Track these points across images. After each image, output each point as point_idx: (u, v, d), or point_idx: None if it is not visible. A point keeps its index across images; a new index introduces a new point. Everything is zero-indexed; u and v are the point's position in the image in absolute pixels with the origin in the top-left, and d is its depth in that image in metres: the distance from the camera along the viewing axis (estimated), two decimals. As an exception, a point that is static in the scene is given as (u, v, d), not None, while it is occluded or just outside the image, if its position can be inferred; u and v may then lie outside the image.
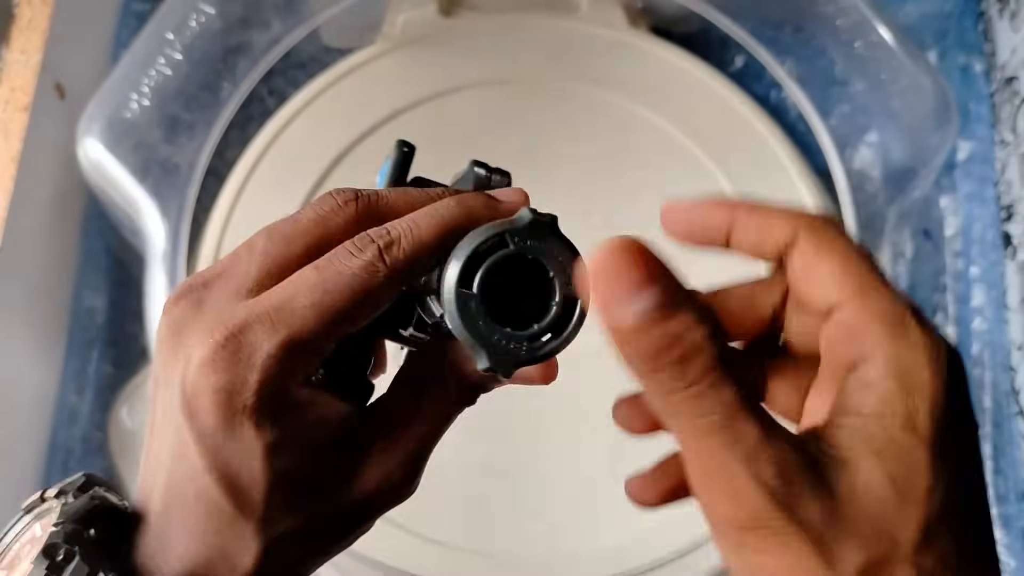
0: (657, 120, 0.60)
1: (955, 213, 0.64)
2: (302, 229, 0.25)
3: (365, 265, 0.23)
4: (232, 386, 0.22)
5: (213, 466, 0.23)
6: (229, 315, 0.23)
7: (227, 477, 0.23)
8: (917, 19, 0.68)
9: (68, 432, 0.59)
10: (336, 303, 0.23)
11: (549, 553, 0.51)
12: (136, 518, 0.25)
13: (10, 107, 0.56)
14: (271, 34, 0.55)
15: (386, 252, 0.24)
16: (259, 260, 0.24)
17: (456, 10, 0.63)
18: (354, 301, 0.23)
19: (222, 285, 0.24)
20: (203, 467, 0.23)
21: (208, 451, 0.23)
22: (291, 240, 0.25)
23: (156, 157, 0.54)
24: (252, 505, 0.23)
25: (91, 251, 0.63)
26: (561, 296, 0.23)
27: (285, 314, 0.23)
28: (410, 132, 0.61)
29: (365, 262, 0.23)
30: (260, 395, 0.23)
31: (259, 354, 0.22)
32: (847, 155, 0.57)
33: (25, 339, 0.57)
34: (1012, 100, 0.62)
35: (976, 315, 0.62)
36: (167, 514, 0.24)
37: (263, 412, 0.23)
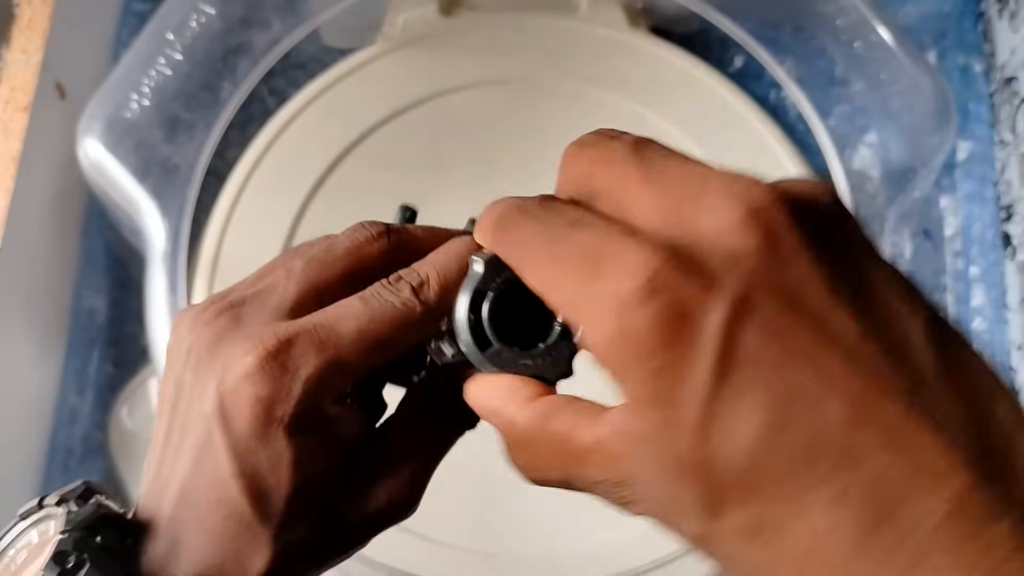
0: (657, 120, 0.60)
1: (955, 213, 0.65)
2: (338, 256, 0.27)
3: (404, 300, 0.25)
4: (276, 396, 0.24)
5: (241, 471, 0.24)
6: (281, 329, 0.24)
7: (253, 483, 0.24)
8: (917, 19, 0.68)
9: (68, 432, 0.59)
10: (379, 332, 0.25)
11: (549, 553, 0.51)
12: (141, 525, 0.25)
13: (10, 107, 0.56)
14: (271, 34, 0.56)
15: (419, 291, 0.26)
16: (297, 283, 0.26)
17: (456, 10, 0.63)
18: (394, 332, 0.25)
19: (261, 303, 0.26)
20: (230, 472, 0.24)
21: (238, 457, 0.24)
22: (328, 266, 0.27)
23: (156, 157, 0.54)
24: (272, 512, 0.24)
25: (91, 251, 0.63)
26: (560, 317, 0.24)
27: (333, 335, 0.24)
28: (410, 132, 0.61)
29: (405, 298, 0.25)
30: (299, 408, 0.24)
31: (305, 369, 0.24)
32: (846, 155, 0.57)
33: (25, 339, 0.57)
34: (1011, 100, 0.62)
35: (976, 315, 0.62)
36: (181, 518, 0.25)
37: (297, 425, 0.24)
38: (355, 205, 0.59)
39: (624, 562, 0.50)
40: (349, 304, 0.25)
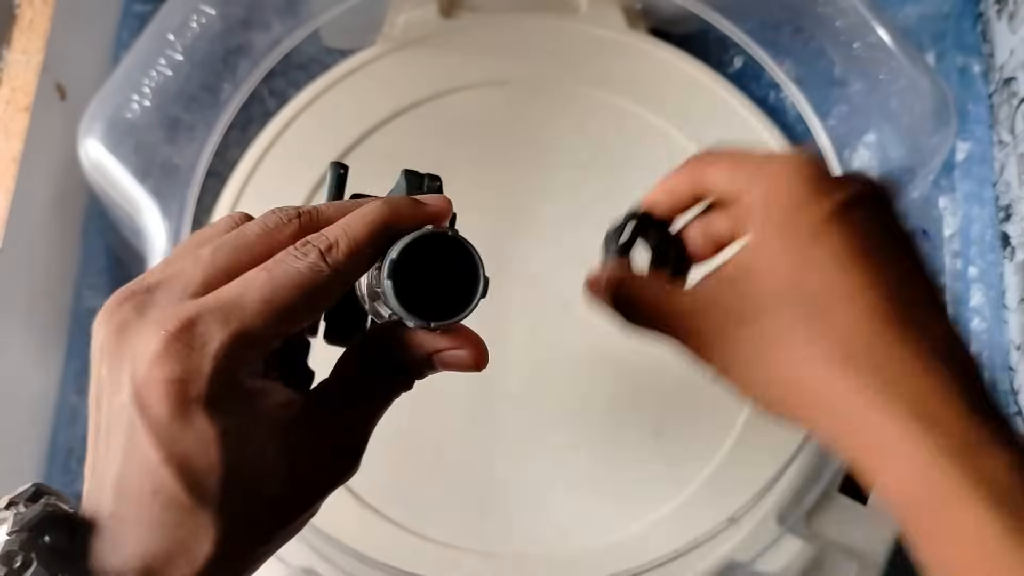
0: (656, 121, 0.61)
1: (953, 213, 0.65)
2: (249, 242, 0.27)
3: (310, 265, 0.25)
4: (186, 375, 0.23)
5: (169, 457, 0.24)
6: (183, 309, 0.24)
7: (183, 467, 0.24)
8: (916, 20, 0.68)
9: (69, 432, 0.59)
10: (285, 299, 0.25)
11: (549, 553, 0.51)
12: (88, 523, 0.25)
13: (11, 107, 0.56)
14: (272, 35, 0.56)
15: (327, 253, 0.26)
16: (204, 268, 0.26)
17: (456, 11, 0.63)
18: (301, 297, 0.25)
19: (167, 288, 0.25)
20: (159, 459, 0.24)
21: (163, 442, 0.24)
22: (239, 250, 0.26)
23: (157, 158, 0.54)
24: (209, 494, 0.24)
25: (92, 251, 0.63)
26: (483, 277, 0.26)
27: (237, 308, 0.24)
28: (410, 132, 0.61)
29: (310, 262, 0.25)
30: (213, 384, 0.24)
31: (212, 344, 0.24)
32: (845, 156, 0.57)
33: (25, 339, 0.57)
34: (1010, 101, 0.62)
35: (975, 315, 0.62)
36: (121, 513, 0.24)
37: (216, 401, 0.24)
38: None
39: (624, 562, 0.50)
40: (252, 276, 0.25)
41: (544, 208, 0.59)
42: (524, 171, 0.60)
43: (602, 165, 0.60)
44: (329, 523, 0.50)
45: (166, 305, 0.25)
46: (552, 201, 0.59)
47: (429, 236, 0.25)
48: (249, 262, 0.26)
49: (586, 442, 0.53)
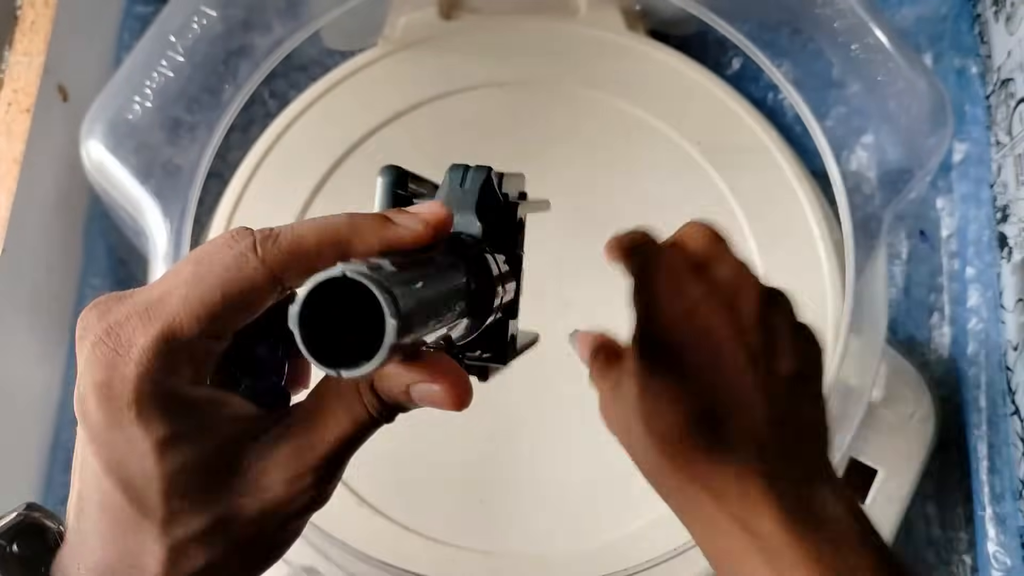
0: (655, 122, 0.61)
1: (951, 214, 0.65)
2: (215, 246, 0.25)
3: (237, 255, 0.23)
4: (111, 380, 0.22)
5: (108, 467, 0.23)
6: (111, 314, 0.23)
7: (123, 477, 0.23)
8: (913, 22, 0.68)
9: (71, 432, 0.60)
10: (206, 295, 0.23)
11: (547, 552, 0.51)
12: (61, 534, 0.25)
13: (13, 109, 0.56)
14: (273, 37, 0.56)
15: (260, 244, 0.23)
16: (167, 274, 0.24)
17: (456, 13, 0.64)
18: (224, 293, 0.23)
19: (132, 295, 0.24)
20: (101, 470, 0.23)
21: (101, 451, 0.23)
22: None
23: (158, 159, 0.54)
24: (151, 505, 0.23)
25: (94, 252, 0.63)
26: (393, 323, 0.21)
27: (159, 306, 0.23)
28: (411, 134, 0.61)
29: (238, 252, 0.23)
30: (140, 389, 0.22)
31: (135, 348, 0.22)
32: (843, 157, 0.57)
33: (28, 339, 0.57)
34: (1007, 102, 0.62)
35: (972, 315, 0.62)
36: (79, 525, 0.24)
37: (147, 407, 0.22)
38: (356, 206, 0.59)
39: (624, 562, 0.50)
40: (180, 269, 0.23)
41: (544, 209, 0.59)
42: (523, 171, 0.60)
43: (601, 166, 0.60)
44: (330, 522, 0.50)
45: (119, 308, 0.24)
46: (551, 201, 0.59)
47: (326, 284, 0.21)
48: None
49: (586, 442, 0.53)
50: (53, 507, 0.60)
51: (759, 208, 0.59)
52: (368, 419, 0.25)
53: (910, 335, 0.64)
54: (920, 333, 0.64)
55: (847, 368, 0.51)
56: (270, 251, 0.23)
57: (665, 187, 0.60)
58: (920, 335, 0.64)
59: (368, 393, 0.25)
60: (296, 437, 0.24)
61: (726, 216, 0.59)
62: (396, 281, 0.21)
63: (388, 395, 0.25)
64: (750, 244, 0.58)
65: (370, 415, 0.25)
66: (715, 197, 0.59)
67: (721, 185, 0.59)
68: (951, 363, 0.63)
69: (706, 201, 0.59)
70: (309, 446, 0.24)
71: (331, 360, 0.21)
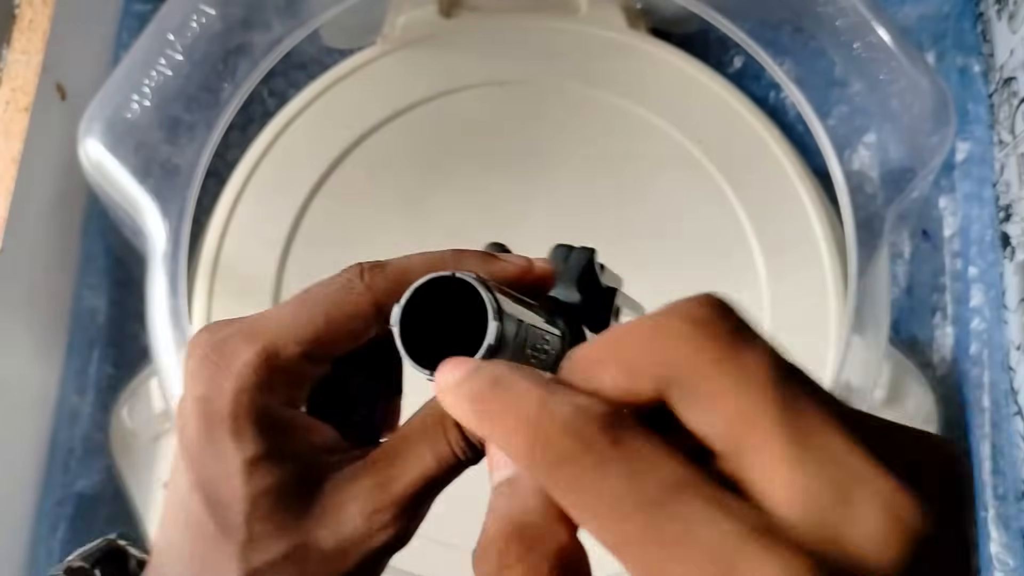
0: (656, 121, 0.61)
1: (953, 213, 0.65)
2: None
3: (343, 282, 0.24)
4: (211, 393, 0.23)
5: (198, 482, 0.23)
6: (219, 331, 0.24)
7: (209, 495, 0.23)
8: (916, 20, 0.68)
9: (69, 432, 0.59)
10: (311, 318, 0.23)
11: (549, 553, 0.51)
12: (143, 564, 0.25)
13: (11, 108, 0.56)
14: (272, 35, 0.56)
15: (367, 272, 0.24)
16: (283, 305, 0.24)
17: (456, 11, 0.63)
18: (327, 318, 0.23)
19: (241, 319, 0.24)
20: (190, 485, 0.23)
21: (193, 466, 0.23)
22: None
23: (157, 158, 0.54)
24: (233, 526, 0.23)
25: (92, 251, 0.63)
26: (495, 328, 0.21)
27: (264, 326, 0.23)
28: (410, 133, 0.61)
29: (344, 279, 0.24)
30: (237, 402, 0.23)
31: (237, 362, 0.23)
32: (846, 156, 0.57)
33: (26, 339, 0.57)
34: (1010, 101, 0.62)
35: (975, 315, 0.62)
36: (166, 543, 0.24)
37: (241, 422, 0.23)
38: (355, 206, 0.59)
39: (624, 562, 0.50)
40: (291, 298, 0.24)
41: (544, 208, 0.59)
42: (524, 171, 0.60)
43: (602, 165, 0.60)
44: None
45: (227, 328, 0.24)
46: (552, 201, 0.59)
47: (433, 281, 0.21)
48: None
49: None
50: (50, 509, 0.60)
51: (760, 207, 0.59)
52: (452, 458, 0.24)
53: (912, 335, 0.63)
54: (923, 333, 0.63)
55: (849, 368, 0.50)
56: (376, 279, 0.24)
57: (666, 186, 0.60)
58: (923, 335, 0.63)
59: (453, 430, 0.24)
60: (379, 472, 0.24)
61: (727, 216, 0.59)
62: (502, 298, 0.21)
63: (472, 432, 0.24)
64: (751, 244, 0.58)
65: (455, 454, 0.24)
66: (716, 196, 0.59)
67: (723, 184, 0.59)
68: (954, 363, 0.62)
69: (707, 200, 0.59)
70: (391, 481, 0.24)
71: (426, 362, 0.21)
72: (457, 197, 0.59)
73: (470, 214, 0.59)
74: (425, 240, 0.60)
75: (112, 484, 0.58)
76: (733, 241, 0.58)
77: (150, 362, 0.55)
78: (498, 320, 0.20)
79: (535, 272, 0.25)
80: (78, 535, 0.58)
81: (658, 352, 0.18)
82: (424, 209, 0.59)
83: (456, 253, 0.25)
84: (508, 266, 0.25)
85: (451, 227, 0.59)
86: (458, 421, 0.23)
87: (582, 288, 0.29)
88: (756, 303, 0.57)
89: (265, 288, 0.57)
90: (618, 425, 0.17)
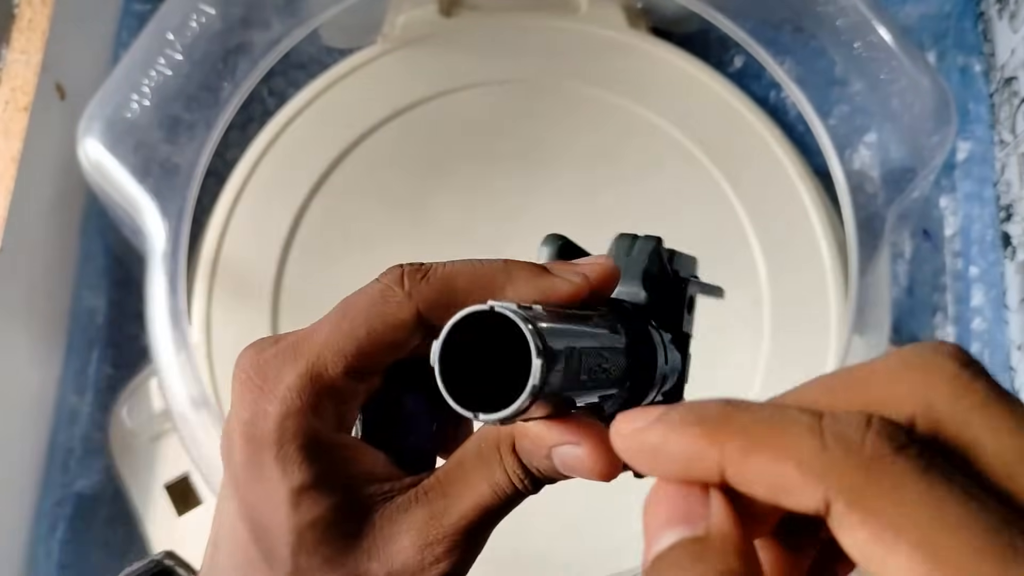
0: (656, 120, 0.60)
1: (954, 213, 0.65)
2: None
3: (383, 288, 0.22)
4: (255, 418, 0.22)
5: (243, 511, 0.22)
6: (263, 351, 0.23)
7: (256, 524, 0.22)
8: (916, 20, 0.68)
9: (68, 432, 0.59)
10: (352, 330, 0.22)
11: (549, 552, 0.51)
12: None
13: (10, 107, 0.56)
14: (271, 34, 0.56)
15: (408, 277, 0.22)
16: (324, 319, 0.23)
17: (456, 10, 0.63)
18: (368, 328, 0.22)
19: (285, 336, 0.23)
20: (236, 513, 0.22)
21: (239, 493, 0.22)
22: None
23: (156, 157, 0.54)
24: (279, 558, 0.22)
25: (91, 251, 0.63)
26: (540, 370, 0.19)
27: (305, 344, 0.22)
28: (410, 132, 0.61)
29: (384, 286, 0.22)
30: (282, 427, 0.22)
31: (280, 386, 0.22)
32: (846, 155, 0.57)
33: (25, 339, 0.57)
34: (1011, 100, 0.62)
35: (975, 315, 0.62)
36: (212, 564, 0.23)
37: (288, 448, 0.22)
38: (355, 206, 0.59)
39: (624, 562, 0.50)
40: (332, 310, 0.23)
41: (544, 207, 0.59)
42: (524, 170, 0.60)
43: (602, 164, 0.60)
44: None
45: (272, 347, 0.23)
46: (552, 200, 0.59)
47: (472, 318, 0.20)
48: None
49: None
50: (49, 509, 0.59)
51: (761, 207, 0.59)
52: (510, 487, 0.23)
53: (913, 335, 0.63)
54: (924, 333, 0.63)
55: (850, 368, 0.50)
56: (417, 286, 0.22)
57: (666, 186, 0.59)
58: (924, 335, 0.63)
59: (509, 456, 0.23)
60: (432, 502, 0.23)
61: (727, 215, 0.59)
62: (546, 323, 0.19)
63: (529, 458, 0.23)
64: (752, 244, 0.58)
65: (512, 483, 0.23)
66: (717, 196, 0.59)
67: (723, 184, 0.59)
68: (954, 363, 0.62)
69: (707, 200, 0.59)
70: (444, 512, 0.23)
71: (469, 402, 0.19)
72: (457, 196, 0.59)
73: (470, 213, 0.59)
74: (425, 239, 0.60)
75: (112, 484, 0.58)
76: (733, 241, 0.58)
77: (150, 362, 0.55)
78: (543, 359, 0.19)
79: (593, 284, 0.23)
80: (77, 535, 0.58)
81: (919, 384, 0.16)
82: (424, 209, 0.59)
83: (506, 266, 0.23)
84: (562, 285, 0.23)
85: (451, 226, 0.59)
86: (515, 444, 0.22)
87: (648, 284, 0.27)
88: (756, 303, 0.57)
89: (265, 288, 0.57)
90: (893, 429, 0.15)
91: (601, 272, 0.23)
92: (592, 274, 0.23)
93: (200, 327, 0.55)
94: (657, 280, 0.27)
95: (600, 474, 0.22)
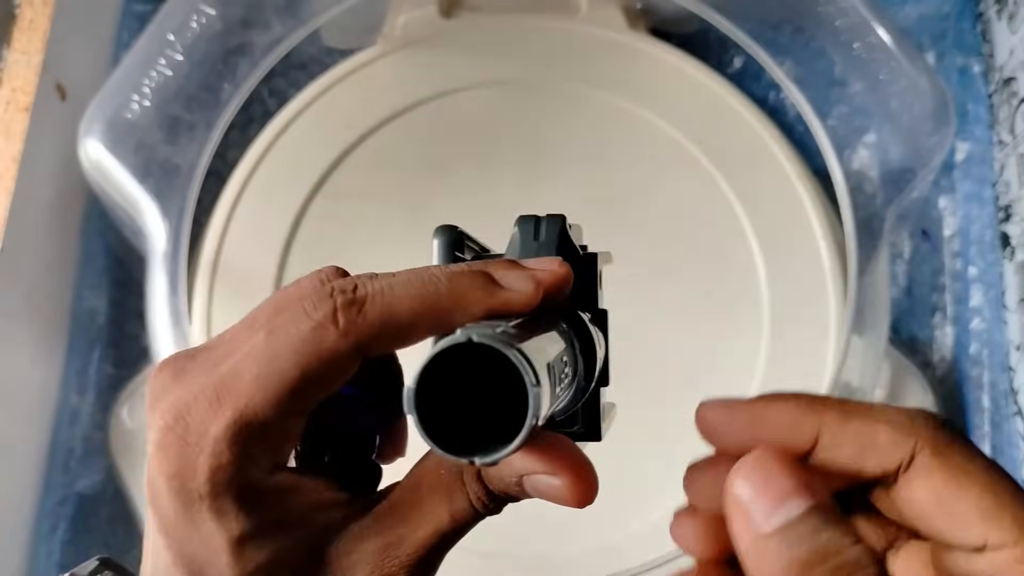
0: (656, 121, 0.61)
1: (953, 213, 0.65)
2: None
3: (314, 328, 0.20)
4: (183, 472, 0.20)
5: (179, 561, 0.21)
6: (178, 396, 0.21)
7: (194, 572, 0.21)
8: (916, 20, 0.68)
9: (69, 432, 0.59)
10: (282, 373, 0.20)
11: (549, 553, 0.51)
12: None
13: (11, 108, 0.56)
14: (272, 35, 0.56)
15: (342, 312, 0.20)
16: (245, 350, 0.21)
17: (456, 11, 0.63)
18: (302, 371, 0.20)
19: (205, 355, 0.21)
20: (171, 562, 0.21)
21: (172, 543, 0.21)
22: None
23: (157, 158, 0.54)
24: None
25: (92, 251, 0.63)
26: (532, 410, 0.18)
27: (230, 388, 0.20)
28: (410, 133, 0.61)
29: (315, 323, 0.20)
30: (213, 481, 0.20)
31: (207, 438, 0.20)
32: (845, 156, 0.57)
33: (26, 339, 0.57)
34: (1010, 101, 0.62)
35: (974, 315, 0.62)
36: None
37: (222, 501, 0.20)
38: (355, 206, 0.59)
39: (624, 562, 0.50)
40: (254, 343, 0.21)
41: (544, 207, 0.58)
42: (524, 171, 0.60)
43: (602, 165, 0.60)
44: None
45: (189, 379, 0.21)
46: (552, 201, 0.59)
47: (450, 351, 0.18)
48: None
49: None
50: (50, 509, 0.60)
51: (760, 207, 0.59)
52: (471, 513, 0.22)
53: (912, 335, 0.63)
54: (922, 333, 0.63)
55: (849, 368, 0.50)
56: (354, 323, 0.20)
57: (666, 186, 0.60)
58: (922, 335, 0.63)
59: (474, 483, 0.22)
60: (386, 531, 0.22)
61: (727, 216, 0.59)
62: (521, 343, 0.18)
63: (499, 486, 0.22)
64: (751, 244, 0.58)
65: (474, 509, 0.22)
66: (716, 196, 0.59)
67: (722, 184, 0.59)
68: (953, 363, 0.62)
69: (707, 201, 0.59)
70: (400, 542, 0.22)
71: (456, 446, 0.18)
72: (457, 197, 0.59)
73: (470, 213, 0.59)
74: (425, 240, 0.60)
75: (112, 484, 0.58)
76: (732, 241, 0.58)
77: (150, 362, 0.55)
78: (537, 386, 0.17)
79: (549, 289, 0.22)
80: (78, 535, 0.58)
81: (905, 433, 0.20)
82: (424, 209, 0.59)
83: (450, 290, 0.21)
84: (516, 299, 0.21)
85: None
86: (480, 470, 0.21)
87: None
88: (756, 303, 0.57)
89: (265, 288, 0.57)
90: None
91: (553, 277, 0.22)
92: (546, 280, 0.22)
93: (200, 327, 0.55)
94: (572, 261, 0.25)
95: (578, 503, 0.22)
